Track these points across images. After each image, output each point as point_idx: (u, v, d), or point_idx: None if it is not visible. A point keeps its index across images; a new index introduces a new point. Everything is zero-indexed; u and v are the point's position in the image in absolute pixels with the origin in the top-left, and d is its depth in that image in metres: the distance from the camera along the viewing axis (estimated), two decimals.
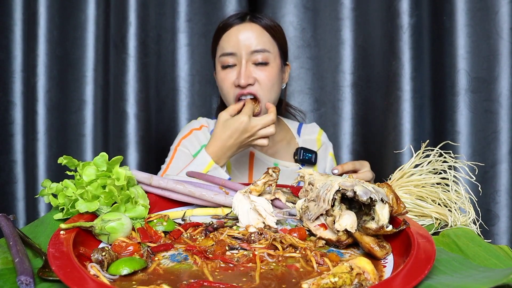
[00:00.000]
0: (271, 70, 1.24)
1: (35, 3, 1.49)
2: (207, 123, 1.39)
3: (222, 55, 1.24)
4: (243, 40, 1.22)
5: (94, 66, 1.56)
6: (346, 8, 1.47)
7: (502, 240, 1.34)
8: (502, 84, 1.31)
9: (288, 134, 1.41)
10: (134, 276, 0.57)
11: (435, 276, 0.56)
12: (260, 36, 1.23)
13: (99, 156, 0.78)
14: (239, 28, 1.23)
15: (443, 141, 0.97)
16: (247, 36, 1.22)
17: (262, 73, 1.22)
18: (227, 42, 1.24)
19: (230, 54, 1.23)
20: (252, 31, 1.23)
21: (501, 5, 1.29)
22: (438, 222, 0.82)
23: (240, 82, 1.21)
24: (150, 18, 1.48)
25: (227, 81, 1.24)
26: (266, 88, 1.23)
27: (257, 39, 1.22)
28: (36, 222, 0.78)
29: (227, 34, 1.24)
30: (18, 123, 1.61)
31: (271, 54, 1.24)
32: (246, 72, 1.21)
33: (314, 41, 1.54)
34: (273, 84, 1.24)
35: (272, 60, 1.24)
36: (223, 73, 1.25)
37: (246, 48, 1.22)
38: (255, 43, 1.22)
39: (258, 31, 1.23)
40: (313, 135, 1.43)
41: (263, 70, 1.23)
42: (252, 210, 0.77)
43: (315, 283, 0.51)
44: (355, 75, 1.50)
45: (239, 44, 1.22)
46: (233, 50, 1.23)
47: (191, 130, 1.36)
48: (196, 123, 1.39)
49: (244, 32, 1.22)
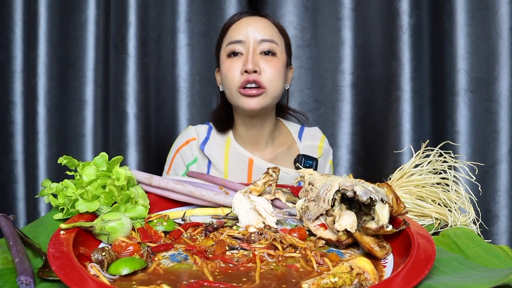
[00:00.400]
0: (277, 61, 1.22)
1: (35, 3, 1.49)
2: (197, 133, 1.33)
3: (230, 43, 1.23)
4: (252, 30, 1.21)
5: (94, 66, 1.56)
6: (346, 8, 1.47)
7: (502, 240, 1.34)
8: (502, 84, 1.31)
9: (289, 139, 1.37)
10: (134, 276, 0.57)
11: (435, 276, 0.56)
12: (268, 28, 1.23)
13: (99, 156, 0.78)
14: (248, 19, 1.23)
15: (443, 141, 0.97)
16: (256, 26, 1.22)
17: (269, 64, 1.21)
18: (236, 31, 1.22)
19: (238, 42, 1.21)
20: (262, 23, 1.23)
21: (501, 5, 1.29)
22: (438, 222, 0.82)
23: (247, 67, 1.18)
24: (150, 18, 1.48)
25: (233, 69, 1.21)
26: (272, 78, 1.21)
27: (266, 30, 1.22)
28: (36, 222, 0.78)
29: (236, 24, 1.24)
30: (19, 123, 1.61)
31: (278, 47, 1.23)
32: (253, 58, 1.19)
33: (314, 41, 1.54)
34: (278, 75, 1.22)
35: (279, 53, 1.23)
36: (229, 62, 1.23)
37: (255, 37, 1.21)
38: (264, 33, 1.21)
39: (267, 24, 1.23)
40: (315, 141, 1.38)
41: (270, 60, 1.21)
42: (252, 210, 0.78)
43: (315, 283, 0.51)
44: (355, 75, 1.50)
45: (248, 33, 1.21)
46: (241, 38, 1.21)
47: (177, 150, 1.32)
48: (183, 137, 1.34)
49: (253, 23, 1.22)
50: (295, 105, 1.56)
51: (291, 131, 1.38)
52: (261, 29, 1.22)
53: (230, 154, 1.29)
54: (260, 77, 1.19)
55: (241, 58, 1.21)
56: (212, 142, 1.31)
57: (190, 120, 1.55)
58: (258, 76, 1.19)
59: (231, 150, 1.30)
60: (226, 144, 1.31)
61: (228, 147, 1.30)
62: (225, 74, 1.23)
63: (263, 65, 1.20)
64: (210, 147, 1.30)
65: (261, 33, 1.21)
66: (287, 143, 1.35)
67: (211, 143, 1.31)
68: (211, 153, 1.29)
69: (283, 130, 1.37)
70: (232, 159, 1.29)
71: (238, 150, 1.30)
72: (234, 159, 1.29)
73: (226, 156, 1.30)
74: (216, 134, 1.33)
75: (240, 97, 1.21)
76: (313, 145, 1.36)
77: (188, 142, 1.32)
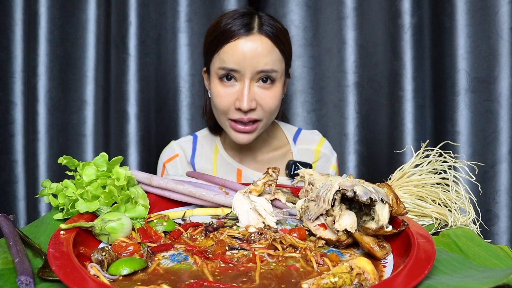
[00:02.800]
0: (276, 90, 1.10)
1: (35, 3, 1.49)
2: (181, 148, 1.27)
3: (222, 68, 1.07)
4: (249, 58, 1.04)
5: (94, 66, 1.56)
6: (348, 7, 1.47)
7: (502, 240, 1.34)
8: (502, 84, 1.31)
9: (283, 143, 1.29)
10: (134, 276, 0.57)
11: (435, 276, 0.56)
12: (269, 53, 1.06)
13: (99, 156, 0.78)
14: (246, 42, 1.05)
15: (443, 141, 0.97)
16: (254, 53, 1.04)
17: (266, 95, 1.08)
18: (230, 56, 1.05)
19: (232, 70, 1.06)
20: (261, 47, 1.05)
21: (501, 5, 1.29)
22: (438, 222, 0.82)
23: (242, 106, 1.05)
24: (150, 17, 1.48)
25: (226, 99, 1.09)
26: (269, 111, 1.11)
27: (266, 58, 1.05)
28: (36, 222, 0.78)
29: (230, 46, 1.06)
30: (19, 123, 1.61)
31: (278, 74, 1.09)
32: (249, 94, 1.06)
33: (315, 40, 1.53)
34: (276, 105, 1.12)
35: (278, 79, 1.10)
36: (221, 87, 1.09)
37: (252, 66, 1.05)
38: (264, 63, 1.05)
39: (268, 47, 1.06)
40: (311, 145, 1.29)
41: (268, 90, 1.09)
42: (252, 210, 0.78)
43: (315, 283, 0.51)
44: (357, 75, 1.50)
45: (244, 61, 1.04)
46: (236, 67, 1.05)
47: (164, 165, 1.27)
48: (165, 154, 1.28)
49: (252, 48, 1.04)
50: (298, 105, 1.55)
51: (286, 134, 1.30)
52: (260, 57, 1.05)
53: (218, 163, 1.25)
54: (256, 113, 1.09)
55: (235, 86, 1.08)
56: (200, 153, 1.26)
57: (190, 120, 1.55)
58: (253, 113, 1.09)
59: (219, 159, 1.25)
60: (214, 153, 1.27)
61: (216, 156, 1.26)
62: (215, 101, 1.11)
63: (260, 95, 1.08)
64: (198, 159, 1.26)
65: (260, 63, 1.05)
66: (281, 148, 1.28)
67: (199, 155, 1.26)
68: (201, 166, 1.25)
69: (278, 134, 1.30)
70: (220, 169, 1.24)
71: (226, 159, 1.25)
72: (223, 169, 1.25)
73: (214, 166, 1.26)
74: (203, 143, 1.28)
75: (230, 129, 1.12)
76: (309, 149, 1.28)
77: (171, 159, 1.27)
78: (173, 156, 1.27)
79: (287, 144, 1.29)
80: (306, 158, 1.27)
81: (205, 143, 1.28)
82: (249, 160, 1.26)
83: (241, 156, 1.26)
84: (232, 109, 1.09)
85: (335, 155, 1.32)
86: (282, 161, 1.27)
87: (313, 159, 1.28)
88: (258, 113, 1.10)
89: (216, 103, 1.11)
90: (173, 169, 1.26)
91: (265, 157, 1.27)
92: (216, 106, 1.12)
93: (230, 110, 1.10)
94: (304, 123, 1.54)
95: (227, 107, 1.09)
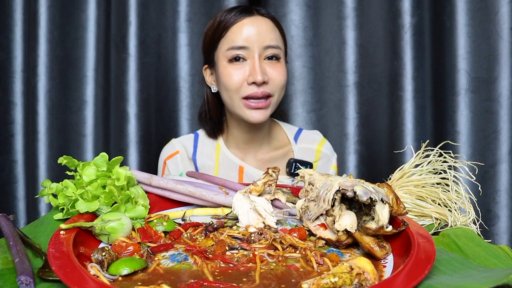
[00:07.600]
0: (282, 66, 1.17)
1: (35, 3, 1.49)
2: (182, 145, 1.29)
3: (231, 48, 1.13)
4: (256, 34, 1.12)
5: (94, 66, 1.56)
6: (348, 7, 1.47)
7: (502, 240, 1.34)
8: (502, 84, 1.31)
9: (284, 142, 1.31)
10: (134, 276, 0.57)
11: (435, 276, 0.56)
12: (272, 31, 1.15)
13: (99, 156, 0.78)
14: (250, 21, 1.14)
15: (443, 141, 0.97)
16: (260, 29, 1.13)
17: (275, 70, 1.14)
18: (238, 34, 1.12)
19: (241, 48, 1.12)
20: (265, 25, 1.14)
21: (501, 5, 1.29)
22: (438, 222, 0.82)
23: (256, 79, 1.10)
24: (150, 17, 1.48)
25: (237, 77, 1.13)
26: (279, 86, 1.16)
27: (270, 34, 1.14)
28: (36, 222, 0.78)
29: (237, 26, 1.13)
30: (19, 123, 1.61)
31: (281, 52, 1.17)
32: (261, 68, 1.11)
33: (316, 40, 1.53)
34: (285, 80, 1.17)
35: (282, 57, 1.18)
36: (231, 68, 1.14)
37: (260, 42, 1.12)
38: (269, 38, 1.13)
39: (270, 26, 1.15)
40: (313, 144, 1.32)
41: (276, 66, 1.15)
42: (252, 210, 0.78)
43: (315, 283, 0.51)
44: (357, 75, 1.50)
45: (252, 37, 1.12)
46: (245, 44, 1.12)
47: (164, 162, 1.28)
48: (165, 151, 1.30)
49: (257, 25, 1.13)
50: (298, 105, 1.55)
51: (287, 134, 1.32)
52: (265, 33, 1.13)
53: (220, 160, 1.26)
54: (268, 87, 1.13)
55: (245, 64, 1.13)
56: (201, 151, 1.27)
57: (190, 120, 1.55)
58: (266, 87, 1.13)
59: (221, 156, 1.26)
60: (216, 150, 1.27)
61: (218, 153, 1.27)
62: (226, 81, 1.15)
63: (270, 72, 1.14)
64: (200, 156, 1.27)
65: (266, 39, 1.13)
66: (282, 147, 1.30)
67: (200, 152, 1.27)
68: (202, 163, 1.26)
69: (279, 133, 1.32)
70: (222, 166, 1.25)
71: (228, 156, 1.26)
72: (224, 166, 1.25)
73: (216, 162, 1.26)
74: (205, 141, 1.29)
75: (244, 108, 1.15)
76: (310, 148, 1.31)
77: (171, 156, 1.28)
78: (173, 153, 1.28)
79: (288, 143, 1.31)
80: (307, 157, 1.29)
81: (207, 141, 1.30)
82: (250, 158, 1.27)
83: (243, 155, 1.27)
84: (245, 85, 1.13)
85: (335, 156, 1.35)
86: (283, 160, 1.28)
87: (313, 159, 1.30)
88: (270, 87, 1.14)
89: (228, 83, 1.15)
90: (173, 166, 1.27)
91: (267, 156, 1.28)
92: (228, 86, 1.15)
93: (243, 86, 1.13)
94: (304, 123, 1.54)
95: (239, 84, 1.13)
